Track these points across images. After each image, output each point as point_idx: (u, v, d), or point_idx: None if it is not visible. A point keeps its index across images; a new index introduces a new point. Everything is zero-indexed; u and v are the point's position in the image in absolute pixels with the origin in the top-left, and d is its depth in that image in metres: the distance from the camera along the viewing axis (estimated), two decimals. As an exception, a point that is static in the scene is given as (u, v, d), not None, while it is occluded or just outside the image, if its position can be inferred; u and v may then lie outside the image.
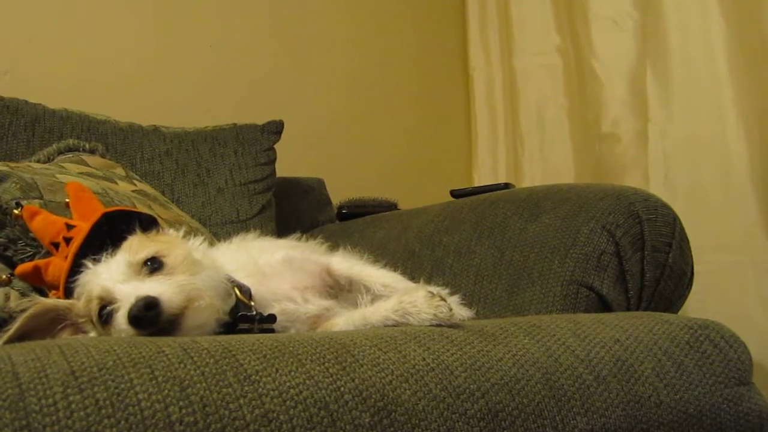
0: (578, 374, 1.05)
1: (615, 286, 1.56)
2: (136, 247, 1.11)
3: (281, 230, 2.34)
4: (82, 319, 1.10)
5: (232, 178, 2.16)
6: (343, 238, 2.30)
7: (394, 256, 1.99)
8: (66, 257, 1.17)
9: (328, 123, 2.87)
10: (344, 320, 1.20)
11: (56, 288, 1.18)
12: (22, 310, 1.09)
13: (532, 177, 2.86)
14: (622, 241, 1.56)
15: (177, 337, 0.91)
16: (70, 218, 1.27)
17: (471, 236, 1.80)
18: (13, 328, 1.07)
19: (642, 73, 2.44)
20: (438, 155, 3.09)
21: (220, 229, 1.97)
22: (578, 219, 1.60)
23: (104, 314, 1.03)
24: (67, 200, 1.31)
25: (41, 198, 1.41)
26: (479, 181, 3.05)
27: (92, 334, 1.10)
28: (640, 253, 1.58)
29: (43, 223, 1.21)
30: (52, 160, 1.80)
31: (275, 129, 2.35)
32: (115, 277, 1.04)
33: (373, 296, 1.23)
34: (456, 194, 2.07)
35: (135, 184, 1.82)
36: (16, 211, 1.30)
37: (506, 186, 2.04)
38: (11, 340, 1.07)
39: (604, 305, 1.54)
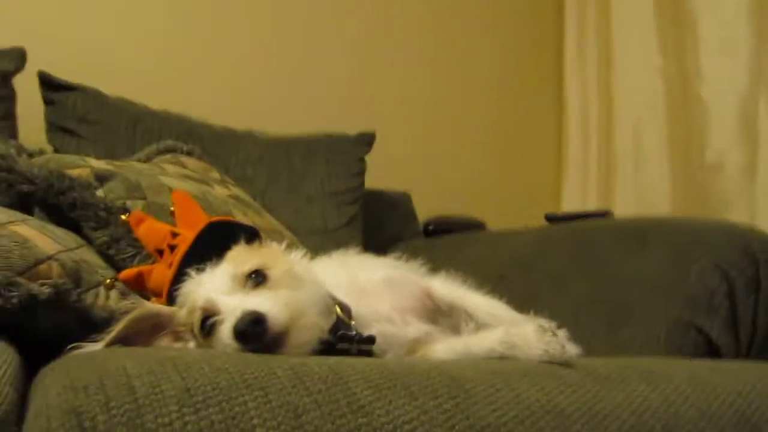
0: (700, 429, 0.97)
1: (725, 330, 1.46)
2: (241, 258, 1.10)
3: (366, 243, 2.32)
4: (183, 328, 1.10)
5: (322, 187, 2.15)
6: (428, 256, 2.27)
7: (481, 279, 1.93)
8: (170, 265, 1.17)
9: (415, 137, 2.84)
10: (445, 348, 1.15)
11: (158, 295, 1.18)
12: (124, 312, 1.10)
13: (624, 203, 2.74)
14: (737, 283, 1.46)
15: (285, 357, 0.88)
16: (174, 226, 1.27)
17: (568, 265, 1.72)
18: (116, 330, 1.07)
19: (754, 102, 2.30)
20: (526, 175, 3.00)
21: (307, 239, 1.95)
22: (688, 255, 1.51)
23: (207, 326, 1.02)
24: (172, 208, 1.31)
25: (144, 198, 1.42)
26: (568, 203, 2.95)
27: (191, 344, 1.09)
28: (754, 296, 1.48)
29: (149, 230, 1.21)
30: (152, 159, 1.83)
31: (367, 140, 2.33)
32: (219, 289, 1.03)
33: (477, 324, 1.18)
34: (551, 218, 2.00)
35: (230, 189, 1.82)
36: (123, 217, 1.31)
37: (605, 214, 1.95)
38: (113, 343, 1.07)
39: (712, 349, 1.44)
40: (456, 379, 0.89)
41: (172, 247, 1.18)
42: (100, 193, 1.40)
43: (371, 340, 1.13)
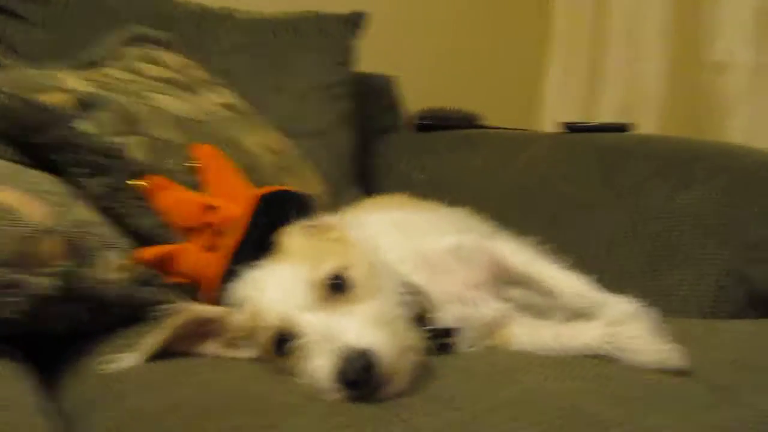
0: None
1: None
2: (305, 251, 0.91)
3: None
4: (236, 334, 0.91)
5: (312, 80, 1.88)
6: (429, 157, 2.09)
7: (497, 195, 1.79)
8: (208, 248, 0.95)
9: (397, 20, 2.50)
10: (529, 335, 1.03)
11: (192, 281, 0.98)
12: (169, 315, 0.90)
13: (613, 96, 2.60)
14: (786, 229, 1.38)
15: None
16: (198, 188, 1.04)
17: (599, 192, 1.60)
18: (161, 337, 0.88)
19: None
20: (511, 60, 2.77)
21: (304, 143, 1.72)
22: (740, 197, 1.41)
23: (284, 347, 0.84)
24: (193, 165, 1.07)
25: (146, 134, 1.15)
26: (551, 93, 2.78)
27: (246, 352, 0.92)
28: (795, 240, 1.41)
29: (175, 202, 0.98)
30: (118, 54, 1.50)
31: (357, 21, 2.03)
32: (296, 302, 0.84)
33: (562, 306, 1.05)
34: (572, 128, 1.83)
35: (219, 94, 1.54)
36: (136, 181, 1.05)
37: (623, 127, 1.81)
38: (157, 349, 0.89)
39: (756, 300, 1.39)
40: (580, 410, 0.77)
41: (208, 226, 0.95)
42: (88, 127, 1.12)
43: (452, 333, 0.99)
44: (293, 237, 0.95)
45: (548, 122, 2.78)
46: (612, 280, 1.38)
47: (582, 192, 1.64)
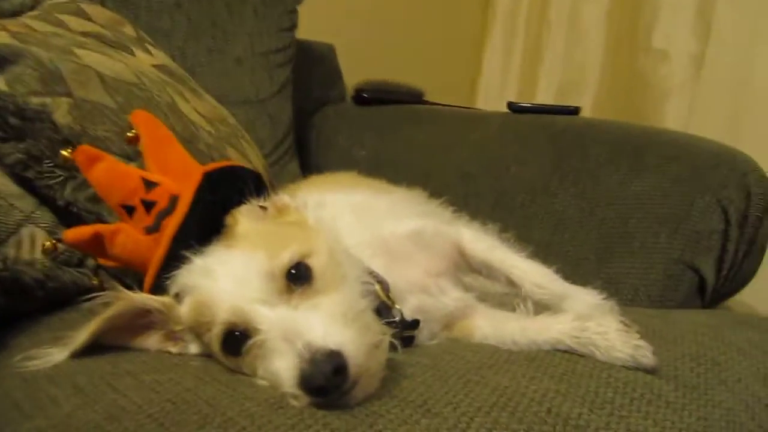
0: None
1: (713, 267, 1.41)
2: (262, 237, 0.81)
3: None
4: (179, 327, 0.81)
5: (252, 45, 1.76)
6: (370, 132, 2.00)
7: (443, 174, 1.74)
8: (146, 229, 0.84)
9: None
10: (492, 327, 0.98)
11: (129, 265, 0.86)
12: (101, 303, 0.79)
13: (551, 78, 2.60)
14: (732, 220, 1.40)
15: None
16: (137, 161, 0.92)
17: (550, 175, 1.57)
18: (93, 329, 0.77)
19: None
20: (451, 38, 2.71)
21: (238, 111, 1.60)
22: (691, 187, 1.40)
23: (235, 344, 0.75)
24: (130, 134, 0.94)
25: (70, 95, 1.01)
26: (488, 67, 2.74)
27: (192, 347, 0.82)
28: (739, 231, 1.43)
29: (110, 176, 0.86)
30: (39, 4, 1.33)
31: (303, -15, 1.90)
32: (251, 295, 0.75)
33: (524, 297, 1.01)
34: (515, 108, 1.79)
35: (152, 54, 1.40)
36: (64, 153, 0.92)
37: (575, 110, 1.78)
38: (82, 348, 0.78)
39: (700, 288, 1.40)
40: (559, 414, 0.73)
41: (148, 204, 0.84)
42: (2, 83, 0.97)
43: (415, 324, 0.93)
44: (245, 219, 0.86)
45: (486, 101, 2.75)
46: (561, 266, 1.36)
47: (533, 175, 1.60)
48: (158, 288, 0.84)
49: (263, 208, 0.88)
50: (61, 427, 0.63)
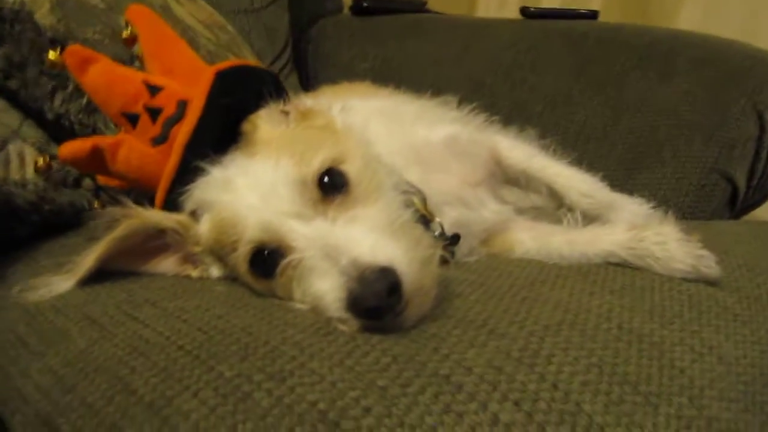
0: None
1: (744, 175, 1.34)
2: (288, 143, 0.71)
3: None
4: (198, 249, 0.72)
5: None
6: (373, 44, 1.87)
7: (453, 84, 1.61)
8: (153, 140, 0.74)
9: None
10: (534, 241, 0.90)
11: (133, 183, 0.76)
12: (108, 223, 0.69)
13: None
14: (766, 126, 1.31)
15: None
16: (140, 59, 0.81)
17: (570, 83, 1.46)
18: (100, 251, 0.68)
19: None
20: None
21: (233, 20, 1.47)
22: (726, 93, 1.31)
23: (266, 265, 0.66)
24: (125, 33, 0.82)
25: (53, -9, 0.88)
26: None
27: (214, 271, 0.73)
28: (769, 137, 1.34)
29: (107, 80, 0.74)
30: None
31: None
32: (282, 207, 0.65)
33: (568, 207, 0.92)
34: (528, 13, 1.67)
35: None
36: (52, 54, 0.80)
37: (593, 15, 1.66)
38: (93, 268, 0.68)
39: (732, 197, 1.33)
40: (631, 330, 0.66)
41: (154, 112, 0.73)
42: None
43: (456, 239, 0.84)
44: (265, 124, 0.75)
45: (487, 12, 2.60)
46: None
47: (552, 83, 1.50)
48: (171, 205, 0.74)
49: (285, 113, 0.78)
50: (77, 364, 0.54)
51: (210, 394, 0.47)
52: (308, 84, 1.80)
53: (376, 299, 0.57)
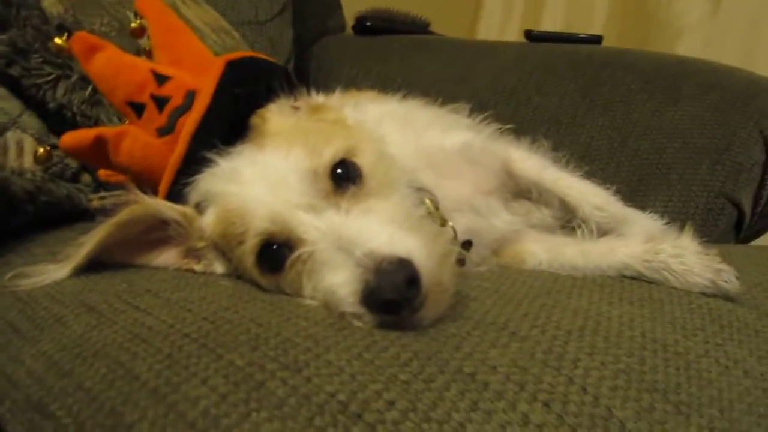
0: None
1: (750, 201, 1.33)
2: (299, 134, 0.68)
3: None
4: (202, 243, 0.69)
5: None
6: (376, 61, 1.86)
7: (456, 103, 1.60)
8: (158, 130, 0.71)
9: None
10: (546, 252, 0.87)
11: (136, 176, 0.73)
12: (107, 209, 0.66)
13: (553, 17, 2.47)
14: (772, 150, 1.30)
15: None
16: (146, 53, 0.78)
17: (575, 104, 1.45)
18: (96, 237, 0.64)
19: None
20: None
21: (234, 30, 1.45)
22: (732, 117, 1.30)
23: (274, 258, 0.63)
24: (134, 24, 0.80)
25: (61, -21, 0.86)
26: (491, 3, 2.60)
27: (218, 266, 0.70)
28: (777, 162, 1.33)
29: (113, 68, 0.71)
30: None
31: None
32: (292, 199, 0.62)
33: (581, 220, 0.90)
34: (533, 37, 1.67)
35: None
36: (58, 40, 0.77)
37: (598, 39, 1.66)
38: (92, 254, 0.65)
39: (738, 222, 1.32)
40: (655, 340, 0.63)
41: (160, 101, 0.70)
42: (-21, -39, 0.81)
43: (468, 245, 0.81)
44: (276, 116, 0.73)
45: (488, 33, 2.63)
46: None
47: (557, 104, 1.49)
48: (175, 197, 0.71)
49: (295, 108, 0.75)
50: (73, 349, 0.50)
51: (220, 381, 0.44)
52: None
53: (394, 291, 0.53)
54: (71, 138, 0.73)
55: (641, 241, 0.83)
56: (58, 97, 0.83)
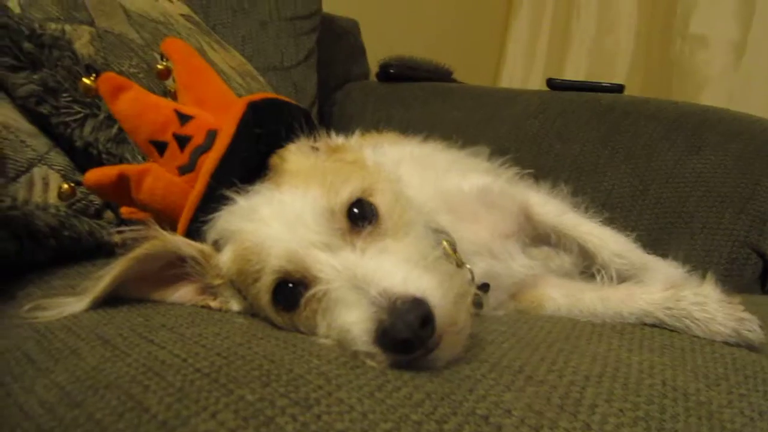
0: None
1: (775, 251, 1.30)
2: (317, 174, 0.69)
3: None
4: (218, 281, 0.69)
5: (278, 8, 1.64)
6: (398, 108, 1.89)
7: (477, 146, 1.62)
8: (179, 169, 0.72)
9: None
10: (565, 298, 0.86)
11: (157, 214, 0.74)
12: (127, 243, 0.66)
13: (576, 67, 2.49)
14: (793, 199, 1.28)
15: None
16: (171, 95, 0.80)
17: (597, 151, 1.45)
18: (114, 272, 0.65)
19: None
20: (474, 20, 2.60)
21: (262, 76, 1.48)
22: (756, 165, 1.29)
23: (289, 296, 0.63)
24: (161, 65, 0.82)
25: (92, 24, 0.89)
26: (513, 53, 2.64)
27: (234, 304, 0.70)
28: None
29: (138, 107, 0.73)
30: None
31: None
32: (308, 237, 0.62)
33: (600, 266, 0.89)
34: (555, 85, 1.68)
35: (175, 3, 1.28)
36: (86, 80, 0.79)
37: (620, 88, 1.67)
38: (109, 288, 0.66)
39: (763, 272, 1.29)
40: (676, 388, 0.61)
41: (182, 140, 0.72)
42: (14, 4, 0.85)
43: (485, 288, 0.81)
44: (295, 156, 0.74)
45: (510, 82, 2.65)
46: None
47: (579, 152, 1.49)
48: (194, 235, 0.72)
49: (314, 148, 0.77)
50: (86, 381, 0.51)
51: (230, 416, 0.43)
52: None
53: (408, 330, 0.53)
54: (95, 175, 0.75)
55: (662, 288, 0.81)
56: (85, 135, 0.85)
